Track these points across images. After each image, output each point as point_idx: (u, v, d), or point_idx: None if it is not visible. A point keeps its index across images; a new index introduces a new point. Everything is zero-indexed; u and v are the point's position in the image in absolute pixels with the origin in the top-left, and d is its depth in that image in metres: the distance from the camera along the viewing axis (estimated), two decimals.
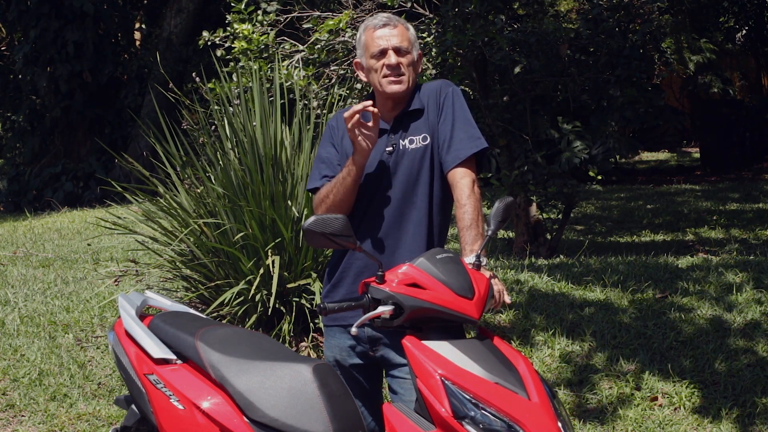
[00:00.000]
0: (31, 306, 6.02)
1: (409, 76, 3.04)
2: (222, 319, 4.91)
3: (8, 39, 17.27)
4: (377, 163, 3.03)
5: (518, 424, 2.44)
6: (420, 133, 3.04)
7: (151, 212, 5.34)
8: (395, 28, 3.04)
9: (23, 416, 4.58)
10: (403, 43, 3.02)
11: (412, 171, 3.03)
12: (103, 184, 11.05)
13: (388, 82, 3.01)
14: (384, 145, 3.04)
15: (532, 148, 7.65)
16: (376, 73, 3.03)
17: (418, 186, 3.03)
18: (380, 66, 3.01)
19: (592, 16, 7.54)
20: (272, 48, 6.95)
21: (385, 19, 3.06)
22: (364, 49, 3.08)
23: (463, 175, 2.96)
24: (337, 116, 3.20)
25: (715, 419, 4.23)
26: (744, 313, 5.09)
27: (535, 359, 4.82)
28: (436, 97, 3.07)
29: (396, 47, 3.01)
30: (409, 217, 3.02)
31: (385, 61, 3.00)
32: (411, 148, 3.03)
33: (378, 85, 3.04)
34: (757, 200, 12.57)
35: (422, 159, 3.02)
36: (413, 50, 3.06)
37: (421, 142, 3.03)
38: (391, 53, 3.00)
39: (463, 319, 2.63)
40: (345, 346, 3.07)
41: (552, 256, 7.48)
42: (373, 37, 3.04)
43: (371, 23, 3.07)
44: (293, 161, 5.10)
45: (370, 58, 3.04)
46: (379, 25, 3.04)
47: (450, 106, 3.05)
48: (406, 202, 3.03)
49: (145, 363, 3.06)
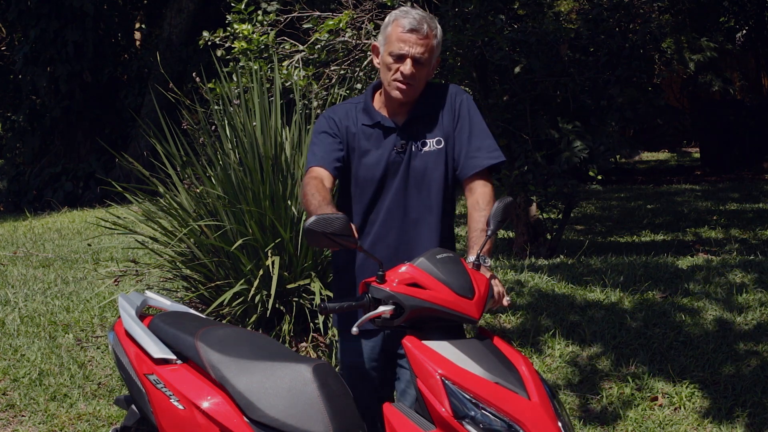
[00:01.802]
0: (31, 306, 6.01)
1: (419, 85, 2.99)
2: (222, 319, 4.91)
3: (8, 39, 17.26)
4: (386, 163, 3.01)
5: (518, 424, 2.44)
6: (433, 135, 3.02)
7: (151, 212, 5.33)
8: (423, 38, 2.93)
9: (23, 416, 4.57)
10: (424, 54, 2.95)
11: (426, 173, 3.01)
12: (103, 184, 11.05)
13: (395, 87, 2.97)
14: (392, 143, 3.01)
15: (532, 148, 7.65)
16: (389, 71, 2.97)
17: (432, 189, 3.02)
18: (395, 68, 2.95)
19: (592, 16, 7.54)
20: (272, 48, 6.94)
21: (416, 23, 2.94)
22: (385, 40, 2.99)
23: (485, 183, 3.00)
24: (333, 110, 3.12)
25: (716, 420, 4.23)
26: (746, 313, 5.09)
27: (535, 360, 4.82)
28: (451, 102, 3.04)
29: (416, 58, 2.94)
30: (426, 221, 3.01)
31: (401, 68, 2.94)
32: (424, 150, 3.00)
33: (386, 83, 3.01)
34: (757, 200, 12.56)
35: (436, 162, 3.00)
36: (432, 59, 2.99)
37: (435, 145, 3.01)
38: (408, 62, 2.93)
39: (463, 319, 2.63)
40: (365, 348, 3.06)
41: (552, 256, 7.48)
42: (398, 36, 2.95)
43: (402, 19, 2.95)
44: (293, 161, 5.10)
45: (388, 54, 2.97)
46: (407, 27, 2.94)
47: (466, 115, 3.04)
48: (420, 205, 3.01)
49: (145, 363, 3.06)
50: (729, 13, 18.66)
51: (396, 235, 3.00)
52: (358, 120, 3.07)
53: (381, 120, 3.04)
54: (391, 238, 3.00)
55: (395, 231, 3.01)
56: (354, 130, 3.05)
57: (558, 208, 8.29)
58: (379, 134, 3.04)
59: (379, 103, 3.09)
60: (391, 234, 3.01)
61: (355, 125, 3.06)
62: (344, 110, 3.10)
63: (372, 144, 3.04)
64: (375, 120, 3.05)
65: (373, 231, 3.02)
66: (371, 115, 3.06)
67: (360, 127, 3.05)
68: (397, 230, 3.01)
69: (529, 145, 7.66)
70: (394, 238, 2.99)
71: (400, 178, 3.01)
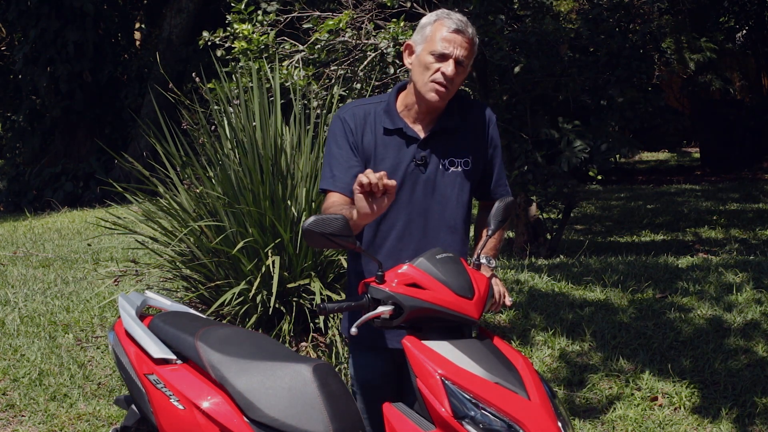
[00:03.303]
0: (31, 306, 6.02)
1: (454, 90, 2.89)
2: (222, 319, 4.91)
3: (8, 39, 17.27)
4: (403, 174, 2.89)
5: (518, 424, 2.44)
6: (461, 156, 2.92)
7: (151, 212, 5.33)
8: (467, 40, 2.86)
9: (23, 416, 4.58)
10: (467, 58, 2.87)
11: (453, 194, 2.92)
12: (103, 184, 11.05)
13: (433, 90, 2.85)
14: (412, 154, 2.90)
15: (532, 148, 7.66)
16: (427, 71, 2.85)
17: (458, 210, 2.94)
18: (435, 69, 2.84)
19: (592, 16, 7.54)
20: (272, 48, 6.95)
21: (461, 24, 2.87)
22: (425, 40, 2.88)
23: None
24: (351, 111, 2.98)
25: (714, 419, 4.23)
26: (744, 313, 5.09)
27: (535, 359, 4.83)
28: (485, 124, 2.97)
29: (459, 59, 2.85)
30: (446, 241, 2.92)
31: (442, 68, 2.83)
32: (451, 170, 2.91)
33: (421, 84, 2.87)
34: (757, 200, 12.57)
35: (463, 183, 2.92)
36: (468, 66, 2.91)
37: (463, 166, 2.93)
38: (451, 63, 2.83)
39: (463, 319, 2.62)
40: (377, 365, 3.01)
41: (552, 256, 7.48)
42: (442, 35, 2.85)
43: (446, 19, 2.87)
44: (293, 162, 5.10)
45: (428, 53, 2.86)
46: (453, 28, 2.86)
47: (498, 145, 3.04)
48: (443, 225, 2.93)
49: (145, 363, 3.06)
50: (729, 12, 18.66)
51: (413, 253, 2.85)
52: (376, 123, 2.93)
53: (403, 127, 2.92)
54: (405, 256, 2.86)
55: (412, 248, 2.90)
56: (370, 137, 2.92)
57: (558, 208, 8.30)
58: (399, 142, 2.92)
59: (401, 106, 2.96)
60: (407, 251, 2.90)
61: (373, 131, 2.93)
62: (364, 112, 2.96)
63: (390, 152, 2.92)
64: (397, 126, 2.92)
65: (386, 245, 2.93)
66: (393, 120, 2.93)
67: (379, 132, 2.93)
68: (414, 248, 2.90)
69: (529, 145, 7.67)
70: (409, 256, 2.81)
71: (422, 194, 2.91)
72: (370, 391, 3.03)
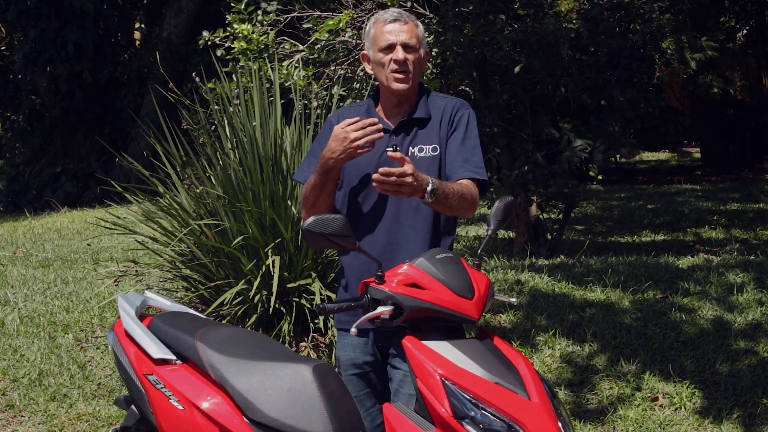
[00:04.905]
0: (31, 306, 6.01)
1: (415, 73, 3.05)
2: (222, 319, 4.91)
3: (8, 39, 17.27)
4: (376, 164, 2.99)
5: (518, 424, 2.44)
6: (429, 142, 3.04)
7: (151, 212, 5.33)
8: (405, 24, 3.04)
9: (23, 416, 4.57)
10: (411, 39, 3.03)
11: None
12: (103, 184, 11.04)
13: (394, 79, 3.02)
14: (384, 144, 3.01)
15: (532, 148, 7.65)
16: (383, 67, 3.03)
17: None
18: (388, 60, 3.02)
19: (592, 16, 7.53)
20: (272, 48, 6.94)
21: (396, 14, 3.07)
22: (372, 42, 3.08)
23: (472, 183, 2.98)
24: (339, 114, 3.17)
25: (716, 420, 4.23)
26: (746, 313, 5.09)
27: (535, 359, 4.82)
28: (451, 113, 3.07)
29: (404, 43, 3.01)
30: (410, 223, 3.00)
31: (392, 56, 3.01)
32: (420, 156, 3.02)
33: (384, 80, 3.05)
34: (758, 200, 12.56)
35: (430, 168, 3.00)
36: (420, 48, 3.07)
37: (431, 152, 3.03)
38: (399, 48, 3.01)
39: (463, 319, 2.62)
40: (358, 343, 3.05)
41: (552, 256, 7.48)
42: (382, 30, 3.04)
43: (382, 17, 3.08)
44: (293, 161, 5.09)
45: (378, 51, 3.04)
46: (389, 19, 3.05)
47: (464, 126, 3.06)
48: (407, 207, 3.00)
49: (144, 363, 3.06)
50: (729, 12, 18.66)
51: (385, 237, 3.00)
52: None
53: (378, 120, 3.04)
54: (379, 239, 2.99)
55: (384, 232, 3.01)
56: None
57: (558, 208, 8.29)
58: None
59: (378, 106, 3.14)
60: (380, 235, 3.01)
61: None
62: (349, 114, 3.13)
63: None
64: None
65: (360, 230, 3.01)
66: (370, 115, 3.08)
67: None
68: (386, 232, 3.01)
69: (529, 144, 7.67)
70: (382, 240, 2.99)
71: None
72: (351, 368, 3.07)
